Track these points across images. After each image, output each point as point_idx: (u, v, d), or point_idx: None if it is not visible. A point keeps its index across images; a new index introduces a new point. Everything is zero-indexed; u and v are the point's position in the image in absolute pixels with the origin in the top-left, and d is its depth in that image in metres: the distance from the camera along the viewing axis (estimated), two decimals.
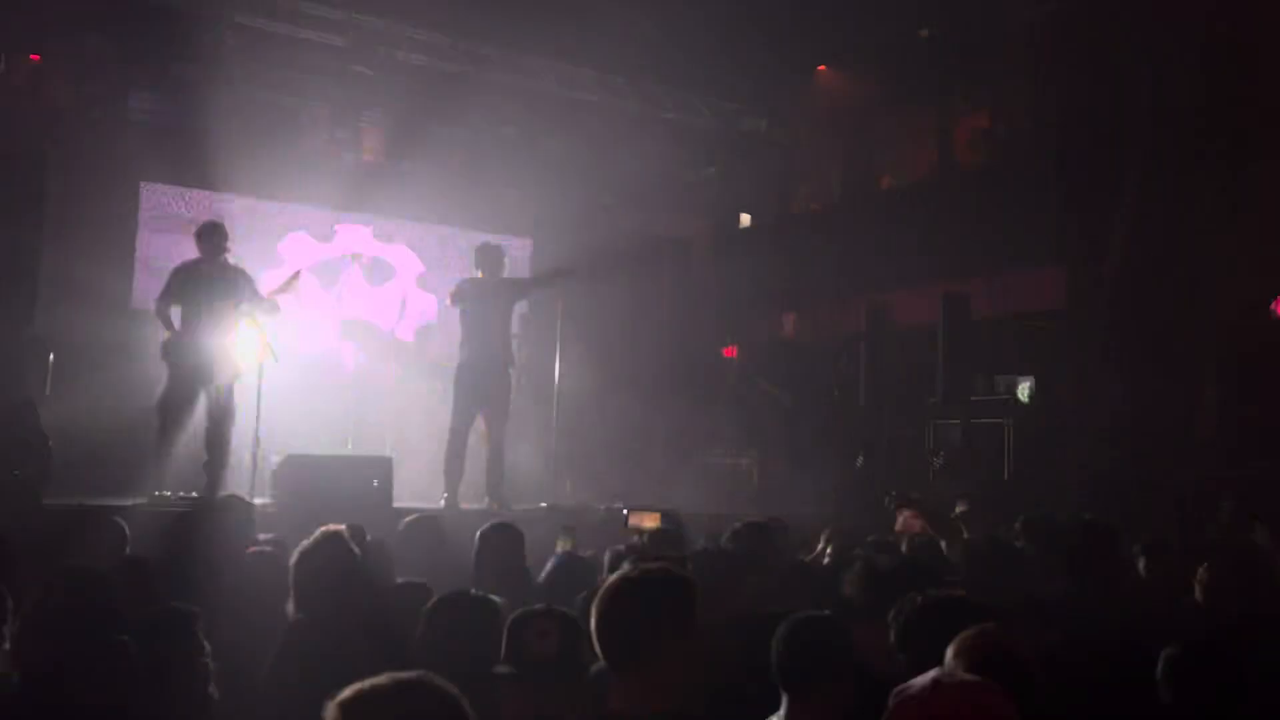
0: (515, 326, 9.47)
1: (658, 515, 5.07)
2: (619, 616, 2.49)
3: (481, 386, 8.58)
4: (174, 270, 8.16)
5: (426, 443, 10.52)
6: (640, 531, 4.98)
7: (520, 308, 9.45)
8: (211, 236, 8.16)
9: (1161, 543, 5.11)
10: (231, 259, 8.17)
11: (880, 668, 2.91)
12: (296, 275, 8.59)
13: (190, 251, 8.33)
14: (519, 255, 13.71)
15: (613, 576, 2.61)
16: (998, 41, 11.80)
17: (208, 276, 8.04)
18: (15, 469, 6.87)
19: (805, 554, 5.51)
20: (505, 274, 8.94)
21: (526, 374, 10.01)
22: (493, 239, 9.41)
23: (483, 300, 8.65)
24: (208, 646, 3.06)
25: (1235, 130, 9.94)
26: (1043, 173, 11.35)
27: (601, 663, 2.58)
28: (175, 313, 7.97)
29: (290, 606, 3.61)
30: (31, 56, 10.47)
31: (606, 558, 4.53)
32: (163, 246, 11.45)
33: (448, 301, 8.83)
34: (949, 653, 2.63)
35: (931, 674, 1.94)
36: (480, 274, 8.76)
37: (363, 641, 3.24)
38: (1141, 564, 4.89)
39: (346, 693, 1.74)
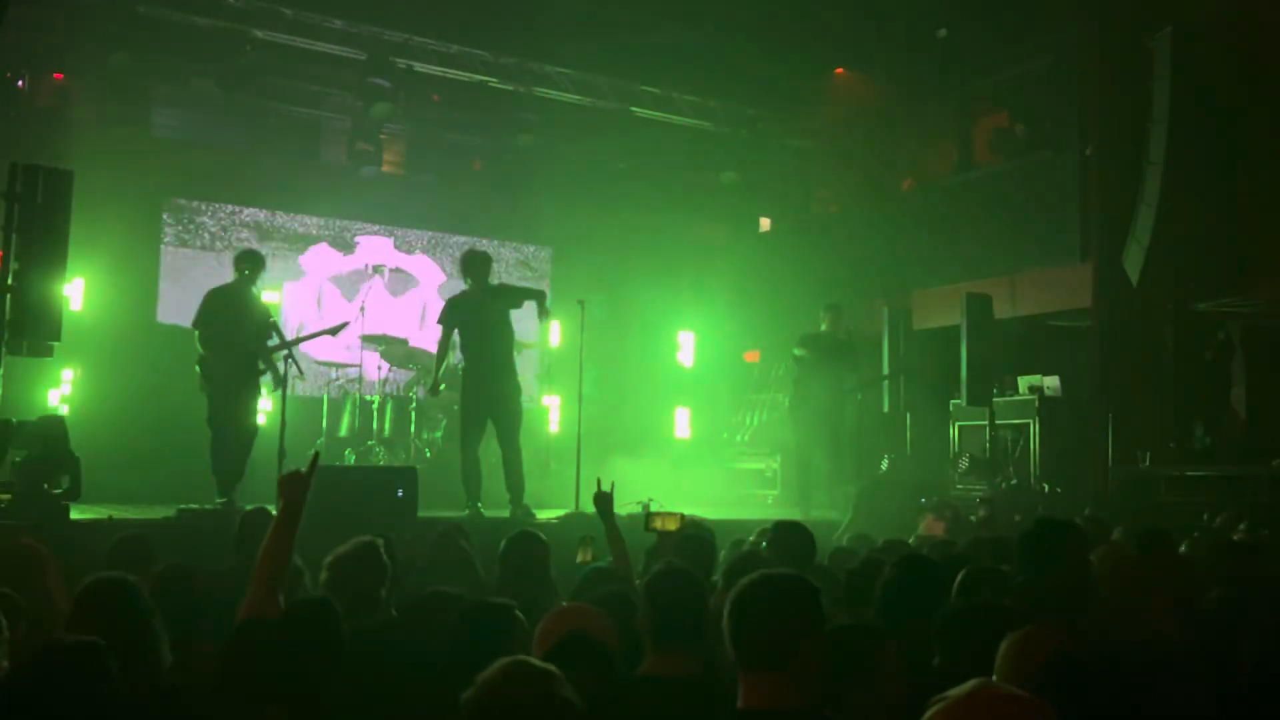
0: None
1: (680, 516, 5.05)
2: (758, 617, 2.54)
3: (488, 395, 8.59)
4: (208, 293, 8.47)
5: (451, 452, 10.57)
6: (663, 533, 4.97)
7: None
8: (246, 263, 8.45)
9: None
10: (256, 288, 8.50)
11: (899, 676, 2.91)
12: (344, 325, 8.77)
13: (211, 265, 8.50)
14: (539, 262, 13.78)
15: (748, 579, 2.64)
16: (1016, 40, 11.77)
17: (241, 301, 8.34)
18: (45, 483, 6.94)
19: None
20: (495, 278, 8.92)
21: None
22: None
23: (475, 309, 8.66)
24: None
25: (1261, 127, 9.87)
26: (1064, 170, 11.30)
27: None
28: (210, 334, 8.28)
29: None
30: (55, 75, 10.58)
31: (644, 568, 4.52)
32: (187, 261, 11.58)
33: (438, 322, 8.85)
34: (1001, 658, 2.66)
35: (971, 683, 1.88)
36: (468, 284, 8.77)
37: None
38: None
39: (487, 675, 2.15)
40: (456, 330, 8.72)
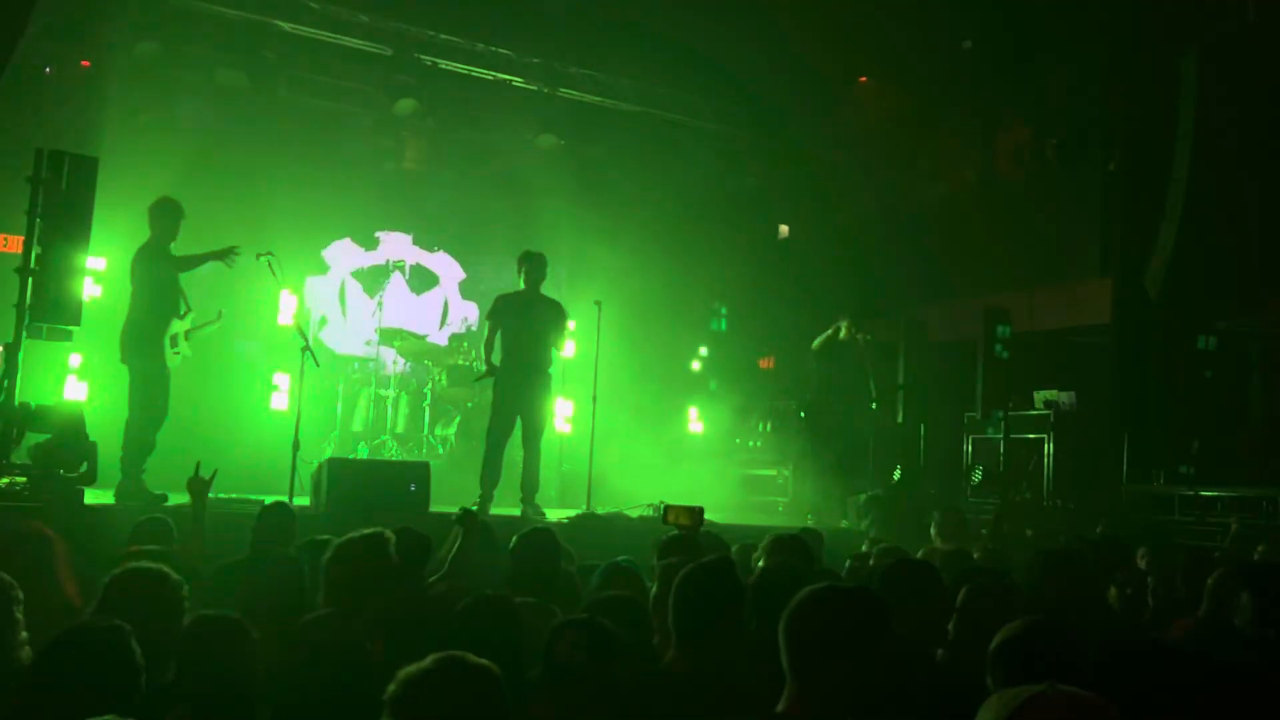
0: None
1: (697, 511, 5.08)
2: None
3: (520, 395, 8.61)
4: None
5: (464, 448, 10.59)
6: (680, 526, 5.00)
7: None
8: (158, 216, 7.91)
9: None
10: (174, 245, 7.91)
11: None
12: (232, 250, 8.13)
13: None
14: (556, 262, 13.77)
15: (809, 591, 2.53)
16: (1040, 54, 11.74)
17: (158, 258, 7.88)
18: (62, 467, 6.98)
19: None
20: (544, 283, 8.90)
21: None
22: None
23: (521, 312, 8.67)
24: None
25: None
26: (1085, 186, 11.26)
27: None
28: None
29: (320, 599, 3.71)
30: (82, 63, 10.64)
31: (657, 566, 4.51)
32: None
33: (486, 317, 8.82)
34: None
35: (1040, 686, 1.88)
36: (523, 283, 8.77)
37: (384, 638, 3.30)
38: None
39: (403, 674, 2.07)
40: (500, 327, 8.74)
